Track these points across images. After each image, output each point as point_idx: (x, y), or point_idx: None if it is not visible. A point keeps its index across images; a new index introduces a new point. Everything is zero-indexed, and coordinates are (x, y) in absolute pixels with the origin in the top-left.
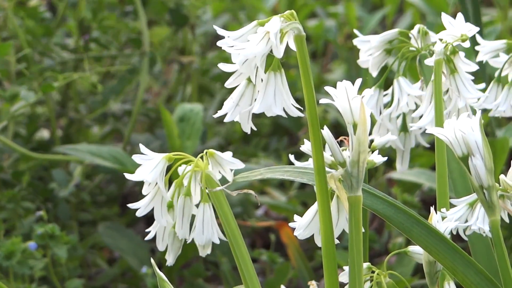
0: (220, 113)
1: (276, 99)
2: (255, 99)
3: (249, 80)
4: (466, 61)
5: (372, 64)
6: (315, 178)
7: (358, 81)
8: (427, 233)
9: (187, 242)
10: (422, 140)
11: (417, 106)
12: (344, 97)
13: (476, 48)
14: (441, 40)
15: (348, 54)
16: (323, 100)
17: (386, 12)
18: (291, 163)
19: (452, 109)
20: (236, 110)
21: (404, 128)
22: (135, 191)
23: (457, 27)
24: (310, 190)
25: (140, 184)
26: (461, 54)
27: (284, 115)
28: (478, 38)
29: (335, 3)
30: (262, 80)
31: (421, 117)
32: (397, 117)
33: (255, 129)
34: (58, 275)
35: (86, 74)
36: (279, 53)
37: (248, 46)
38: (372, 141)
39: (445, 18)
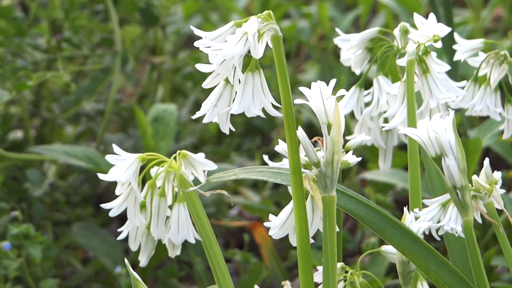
0: (198, 114)
1: (255, 100)
2: (233, 100)
3: (227, 81)
4: (438, 61)
5: (354, 62)
6: (291, 178)
7: (333, 81)
8: (400, 233)
9: (162, 243)
10: (405, 138)
11: None
12: (319, 97)
13: (454, 47)
14: (414, 41)
15: (321, 55)
16: (297, 101)
17: (359, 13)
18: (264, 163)
19: (424, 109)
20: (214, 111)
21: None
22: (109, 191)
23: (429, 27)
24: (284, 190)
25: (115, 184)
26: (433, 54)
27: (262, 115)
28: (456, 37)
29: (308, 4)
30: (239, 80)
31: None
32: (379, 115)
33: (233, 129)
34: (33, 275)
35: (60, 73)
36: (257, 53)
37: (226, 47)
38: (347, 141)
39: (417, 18)
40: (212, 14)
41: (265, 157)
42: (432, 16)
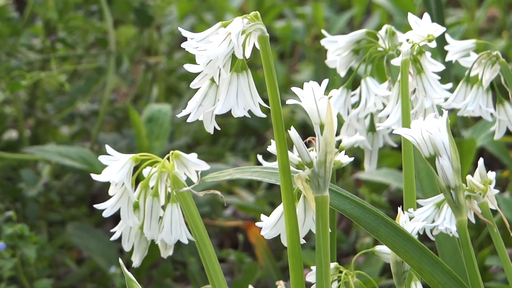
0: (183, 113)
1: (238, 100)
2: (219, 100)
3: (212, 80)
4: (433, 61)
5: (340, 64)
6: (280, 177)
7: (325, 81)
8: (395, 233)
9: (155, 243)
10: (390, 140)
11: (385, 106)
12: (311, 97)
13: (446, 47)
14: (407, 40)
15: (315, 55)
16: (290, 101)
17: (354, 13)
18: (259, 163)
19: (418, 109)
20: (199, 110)
21: (372, 128)
22: (104, 191)
23: (423, 27)
24: (278, 191)
25: (109, 184)
26: (428, 54)
27: (247, 115)
28: (448, 38)
29: (303, 4)
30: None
31: (387, 117)
32: (365, 117)
33: (218, 129)
34: (27, 275)
35: (54, 73)
36: (240, 54)
37: (210, 47)
38: (340, 141)
39: (411, 18)
40: (206, 14)
41: (259, 157)
42: (426, 16)
